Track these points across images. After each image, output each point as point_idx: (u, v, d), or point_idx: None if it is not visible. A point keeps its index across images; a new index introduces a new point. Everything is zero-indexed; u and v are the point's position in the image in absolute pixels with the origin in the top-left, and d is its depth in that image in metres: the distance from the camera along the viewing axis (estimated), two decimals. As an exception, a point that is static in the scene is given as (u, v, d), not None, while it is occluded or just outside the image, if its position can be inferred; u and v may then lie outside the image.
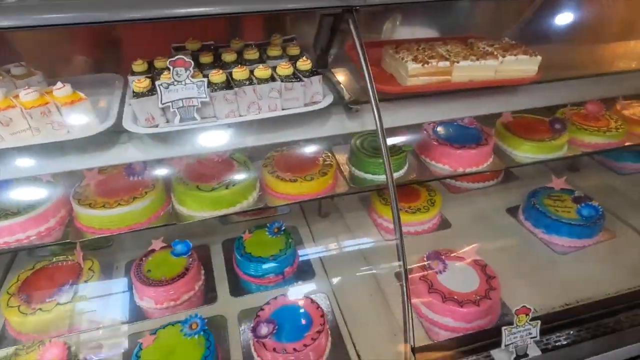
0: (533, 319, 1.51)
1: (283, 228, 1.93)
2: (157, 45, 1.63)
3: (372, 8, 1.89)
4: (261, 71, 1.32)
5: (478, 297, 1.60)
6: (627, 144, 2.14)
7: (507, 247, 2.01)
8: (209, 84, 1.30)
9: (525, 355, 1.45)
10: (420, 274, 1.73)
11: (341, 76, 1.70)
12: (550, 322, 1.59)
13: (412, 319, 1.36)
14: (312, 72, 1.37)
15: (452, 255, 1.82)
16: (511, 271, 1.85)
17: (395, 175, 1.86)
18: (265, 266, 1.79)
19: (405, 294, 1.35)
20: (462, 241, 2.01)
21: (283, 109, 1.37)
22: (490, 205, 2.26)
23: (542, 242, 2.01)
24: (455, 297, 1.61)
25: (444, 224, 2.15)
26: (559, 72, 1.76)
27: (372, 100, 1.32)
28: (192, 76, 1.24)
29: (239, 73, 1.32)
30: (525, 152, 2.01)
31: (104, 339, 1.55)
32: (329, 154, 1.88)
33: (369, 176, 1.86)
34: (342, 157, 1.94)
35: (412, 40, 1.72)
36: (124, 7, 1.13)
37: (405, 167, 1.90)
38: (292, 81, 1.32)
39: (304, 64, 1.38)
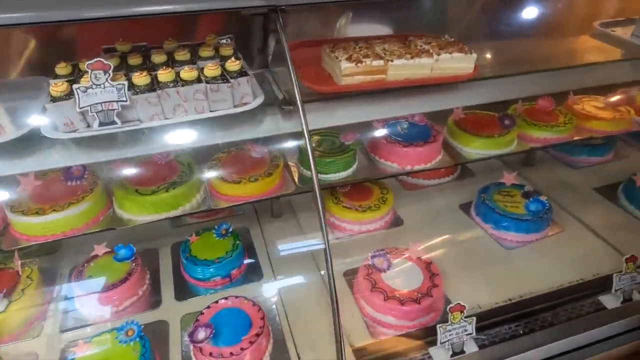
0: (472, 315, 1.52)
1: (231, 230, 1.91)
2: (91, 47, 1.59)
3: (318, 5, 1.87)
4: (186, 73, 1.29)
5: (420, 295, 1.61)
6: (575, 138, 2.16)
7: (457, 244, 2.02)
8: (132, 86, 1.27)
9: (462, 352, 1.46)
10: (365, 273, 1.73)
11: (282, 76, 1.68)
12: (490, 318, 1.61)
13: (339, 323, 1.35)
14: (240, 73, 1.35)
15: (399, 253, 1.82)
16: (459, 268, 1.87)
17: (344, 174, 1.85)
18: (211, 269, 1.77)
19: (333, 300, 1.35)
20: (413, 239, 2.00)
21: (211, 111, 1.34)
22: (444, 201, 2.27)
23: (491, 237, 2.03)
24: (397, 295, 1.61)
25: (396, 222, 2.15)
26: (500, 69, 1.77)
27: (298, 101, 1.31)
28: (112, 79, 1.21)
29: (163, 75, 1.29)
30: (475, 148, 2.02)
31: (39, 348, 1.52)
32: (277, 155, 1.87)
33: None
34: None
35: (351, 38, 1.71)
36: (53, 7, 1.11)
37: (354, 166, 1.90)
38: (217, 82, 1.30)
39: (232, 64, 1.36)
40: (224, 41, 1.64)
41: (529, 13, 2.04)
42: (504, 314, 1.65)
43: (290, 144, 1.78)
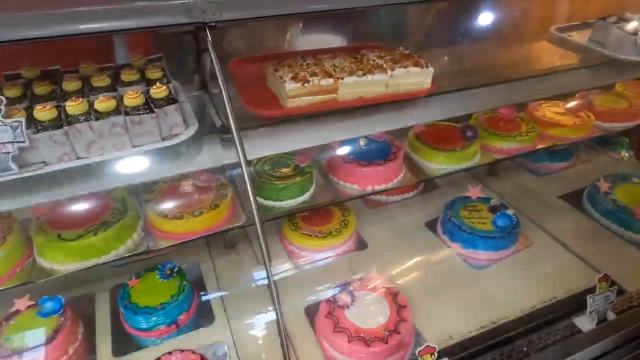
0: (444, 349, 1.40)
1: (177, 269, 1.72)
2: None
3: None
4: (101, 103, 1.10)
5: (387, 333, 1.47)
6: (538, 147, 2.10)
7: (425, 266, 1.90)
8: (34, 122, 1.06)
9: (435, 395, 1.33)
10: (326, 310, 1.57)
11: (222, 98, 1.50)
12: (463, 351, 1.49)
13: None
14: (167, 101, 1.17)
15: (363, 284, 1.68)
16: (428, 293, 1.74)
17: (300, 199, 1.70)
18: (153, 317, 1.57)
19: (284, 345, 1.18)
20: (378, 263, 1.88)
21: (134, 146, 1.15)
22: (410, 219, 2.15)
23: (460, 257, 1.92)
24: (363, 334, 1.46)
25: (360, 245, 2.01)
26: (459, 80, 1.66)
27: (233, 130, 1.14)
28: (6, 115, 1.00)
29: (73, 107, 1.09)
30: (438, 163, 1.92)
31: None
32: (226, 182, 1.69)
33: (270, 203, 1.69)
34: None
35: (298, 53, 1.56)
36: None
37: (311, 190, 1.75)
38: (139, 113, 1.11)
39: (158, 91, 1.17)
40: (159, 62, 1.45)
41: (486, 19, 1.95)
42: (478, 344, 1.53)
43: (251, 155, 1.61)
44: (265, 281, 1.85)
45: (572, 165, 2.52)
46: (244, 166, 1.16)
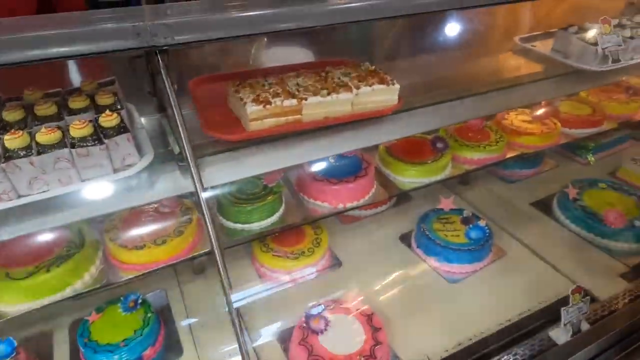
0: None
1: (141, 300, 1.63)
2: None
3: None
4: (44, 135, 1.02)
5: (363, 358, 1.42)
6: (508, 156, 2.10)
7: (400, 282, 1.87)
8: (-33, 159, 0.97)
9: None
10: (299, 337, 1.51)
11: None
12: (441, 373, 1.46)
13: None
14: (118, 130, 1.09)
15: (337, 306, 1.63)
16: (404, 311, 1.71)
17: (269, 220, 1.65)
18: (116, 356, 1.47)
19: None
20: (353, 282, 1.85)
21: (83, 180, 1.07)
22: (384, 233, 2.12)
23: (435, 271, 1.90)
24: (338, 362, 1.41)
25: (334, 263, 1.96)
26: (426, 94, 1.64)
27: (189, 158, 1.08)
28: None
29: (11, 140, 1.00)
30: (409, 177, 1.90)
31: None
32: (191, 206, 1.62)
33: (239, 226, 1.63)
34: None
35: (260, 71, 1.51)
36: None
37: (281, 210, 1.69)
38: (86, 145, 1.03)
39: (107, 119, 1.10)
40: (111, 86, 1.37)
41: (451, 32, 1.95)
42: (454, 364, 1.51)
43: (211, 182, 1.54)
44: (238, 302, 1.79)
45: (541, 171, 2.54)
46: (201, 196, 1.09)
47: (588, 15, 2.12)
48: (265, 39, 1.97)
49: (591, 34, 1.78)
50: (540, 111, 2.23)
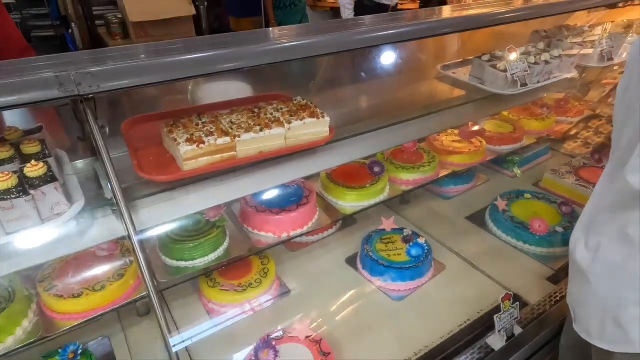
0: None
1: (81, 351, 1.56)
2: None
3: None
4: (-38, 191, 0.99)
5: (312, 385, 1.44)
6: (440, 175, 2.25)
7: (348, 305, 1.92)
8: None
9: None
10: (250, 371, 1.51)
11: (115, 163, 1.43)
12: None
13: None
14: (45, 179, 1.08)
15: (286, 335, 1.65)
16: (352, 333, 1.75)
17: (213, 256, 1.66)
18: (53, 414, 1.40)
19: None
20: (303, 309, 1.87)
21: (8, 233, 1.04)
22: (330, 257, 2.17)
23: (380, 291, 1.96)
24: (288, 393, 1.43)
25: (283, 292, 1.98)
26: (358, 123, 1.74)
27: (120, 202, 1.08)
28: None
29: None
30: (350, 201, 1.98)
31: None
32: (131, 247, 1.59)
33: (183, 264, 1.62)
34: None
35: (195, 110, 1.54)
36: None
37: (225, 244, 1.71)
38: (10, 198, 1.01)
39: (34, 169, 1.08)
40: (38, 134, 1.34)
41: (380, 62, 2.08)
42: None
43: (146, 233, 1.52)
44: (183, 345, 1.75)
45: (474, 186, 2.72)
46: (133, 239, 1.09)
47: (503, 42, 2.34)
48: (202, 76, 2.01)
49: (501, 61, 1.97)
50: (467, 131, 2.42)
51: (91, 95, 1.08)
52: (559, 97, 2.90)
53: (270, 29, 1.59)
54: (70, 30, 4.64)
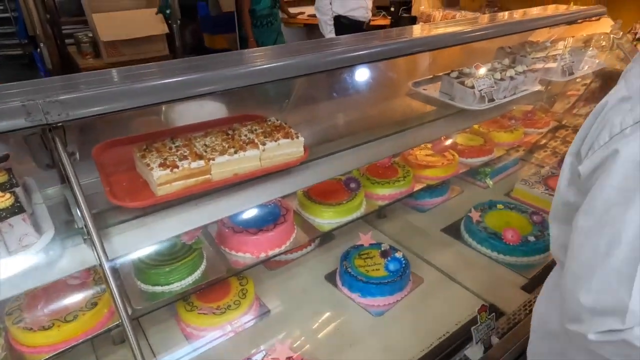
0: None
1: (52, 386, 1.50)
2: None
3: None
4: None
5: (294, 408, 1.43)
6: (415, 189, 2.29)
7: (328, 322, 1.91)
8: None
9: None
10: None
11: (86, 190, 1.40)
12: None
13: None
14: (12, 211, 1.05)
15: (268, 357, 1.64)
16: (333, 352, 1.75)
17: (190, 279, 1.64)
18: None
19: None
20: (283, 329, 1.86)
21: (-27, 268, 1.01)
22: (310, 275, 2.17)
23: (360, 306, 1.97)
24: (269, 416, 1.41)
25: (262, 312, 1.96)
26: (332, 142, 1.76)
27: (91, 231, 1.06)
28: None
29: None
30: (327, 218, 1.99)
31: None
32: (105, 273, 1.55)
33: (159, 289, 1.59)
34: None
35: (168, 132, 1.53)
36: None
37: (202, 266, 1.69)
38: (-25, 232, 0.98)
39: (0, 201, 1.05)
40: (4, 163, 1.31)
41: (353, 80, 2.11)
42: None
43: (121, 253, 1.49)
44: (162, 375, 1.71)
45: (449, 198, 2.78)
46: (105, 268, 1.07)
47: (471, 57, 2.43)
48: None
49: (469, 78, 2.03)
50: (439, 145, 2.48)
51: (60, 124, 1.06)
52: (527, 109, 3.01)
53: (245, 50, 1.61)
54: (38, 49, 4.55)
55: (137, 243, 1.24)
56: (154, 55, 4.54)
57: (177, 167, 1.27)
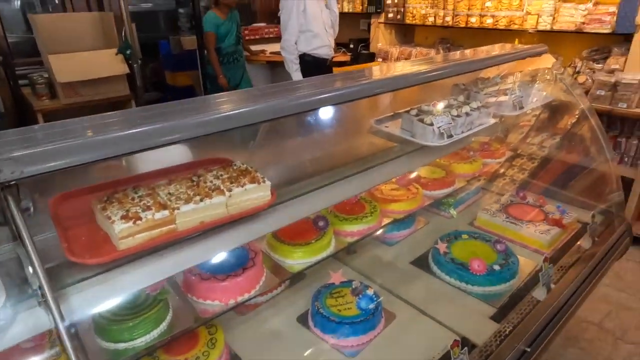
0: None
1: None
2: None
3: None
4: None
5: None
6: (383, 223, 2.31)
7: (302, 368, 1.87)
8: None
9: None
10: None
11: (41, 244, 1.33)
12: None
13: None
14: (-42, 276, 0.98)
15: (239, 411, 1.56)
16: (308, 399, 1.70)
17: (155, 333, 1.56)
18: None
19: None
20: (255, 378, 1.79)
21: None
22: (281, 317, 2.12)
23: (333, 348, 1.93)
24: None
25: (233, 361, 1.89)
26: (299, 184, 1.76)
27: (45, 291, 1.00)
28: None
29: None
30: (297, 259, 1.97)
31: None
32: (61, 337, 1.45)
33: (122, 345, 1.51)
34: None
35: (129, 180, 1.49)
36: None
37: (169, 317, 1.62)
38: None
39: (-56, 266, 0.98)
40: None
41: (318, 118, 2.14)
42: None
43: (80, 314, 1.40)
44: None
45: (415, 230, 2.82)
46: (61, 331, 1.01)
47: (429, 92, 2.53)
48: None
49: (428, 115, 2.12)
50: (403, 179, 2.54)
51: (13, 182, 1.01)
52: (484, 140, 3.16)
53: (209, 95, 1.62)
54: (-11, 92, 4.38)
55: (98, 300, 1.18)
56: (114, 96, 4.46)
57: (140, 218, 1.24)
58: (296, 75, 4.83)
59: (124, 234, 1.22)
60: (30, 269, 1.16)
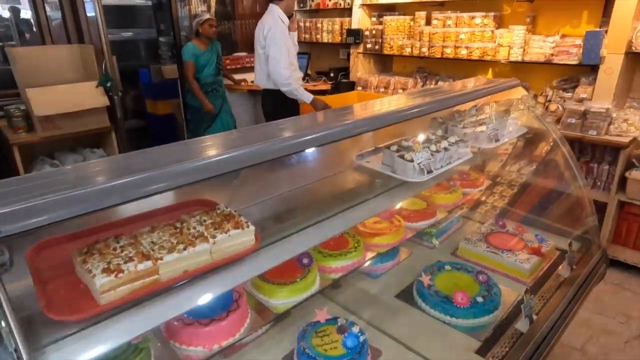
0: None
1: None
2: None
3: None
4: None
5: None
6: (367, 258, 2.32)
7: (288, 412, 1.83)
8: None
9: None
10: None
11: (18, 300, 1.29)
12: None
13: None
14: None
15: None
16: None
17: (137, 383, 1.50)
18: None
19: None
20: None
21: None
22: (267, 358, 2.08)
23: (320, 390, 1.90)
24: None
25: (217, 409, 1.83)
26: (281, 225, 1.77)
27: (21, 352, 0.97)
28: None
29: None
30: (282, 298, 1.96)
31: None
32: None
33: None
34: None
35: (113, 225, 1.47)
36: None
37: (150, 366, 1.57)
38: None
39: None
40: None
41: (301, 156, 2.17)
42: None
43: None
44: None
45: (399, 261, 2.83)
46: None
47: (409, 126, 2.59)
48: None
49: (408, 151, 2.16)
50: (386, 212, 2.56)
51: (-7, 239, 0.99)
52: (463, 170, 3.23)
53: (192, 139, 1.63)
54: (-37, 127, 4.28)
55: (79, 357, 1.14)
56: (94, 127, 4.41)
57: (123, 271, 1.22)
58: (307, 96, 4.70)
59: (106, 288, 1.19)
60: (7, 330, 1.12)
